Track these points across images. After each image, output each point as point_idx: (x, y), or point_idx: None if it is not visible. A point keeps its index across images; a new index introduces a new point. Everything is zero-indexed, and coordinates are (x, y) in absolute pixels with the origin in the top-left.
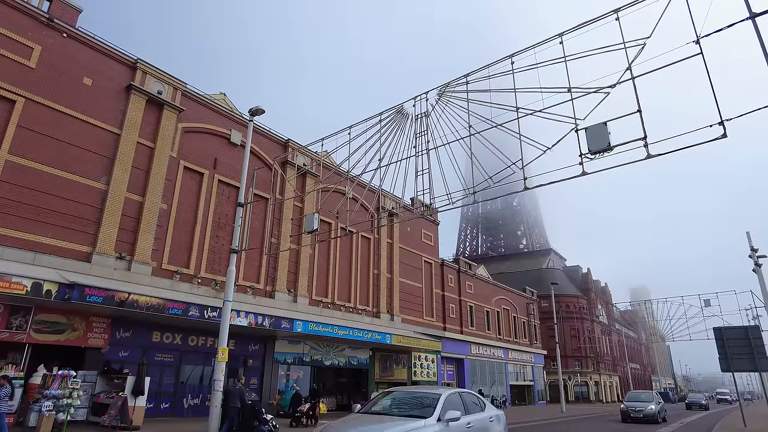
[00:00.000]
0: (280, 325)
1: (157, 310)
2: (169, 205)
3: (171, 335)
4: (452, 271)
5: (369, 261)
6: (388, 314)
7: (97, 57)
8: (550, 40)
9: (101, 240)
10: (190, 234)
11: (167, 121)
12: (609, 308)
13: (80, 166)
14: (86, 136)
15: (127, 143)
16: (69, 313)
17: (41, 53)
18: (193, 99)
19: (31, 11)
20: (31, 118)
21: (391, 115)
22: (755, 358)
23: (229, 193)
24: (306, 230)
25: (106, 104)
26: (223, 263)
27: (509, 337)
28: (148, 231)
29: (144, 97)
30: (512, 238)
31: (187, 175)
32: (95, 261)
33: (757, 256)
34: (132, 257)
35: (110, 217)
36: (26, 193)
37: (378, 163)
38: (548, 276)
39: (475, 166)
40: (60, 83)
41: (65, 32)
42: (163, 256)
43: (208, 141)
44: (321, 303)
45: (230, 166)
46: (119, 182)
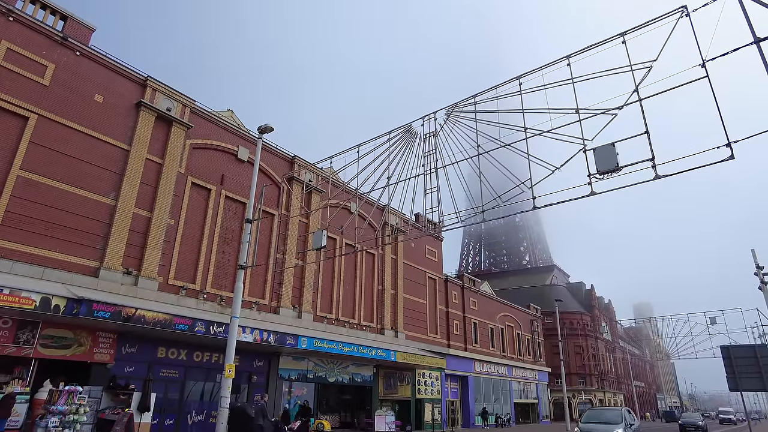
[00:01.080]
0: (285, 341)
1: (163, 326)
2: (177, 220)
3: (176, 351)
4: (456, 288)
5: (373, 277)
6: (392, 331)
7: (108, 74)
8: (558, 61)
9: (109, 255)
10: (197, 249)
11: (176, 138)
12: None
13: (90, 181)
14: (96, 152)
15: (136, 159)
16: (76, 328)
17: (55, 71)
18: (201, 116)
19: (46, 30)
20: (43, 135)
21: (399, 133)
22: (763, 377)
23: (236, 209)
24: (314, 247)
25: (116, 121)
26: (228, 279)
27: (513, 354)
28: (155, 246)
29: (153, 114)
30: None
31: (194, 190)
32: (103, 276)
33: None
34: (139, 272)
35: (118, 233)
36: (37, 209)
37: (387, 180)
38: (552, 292)
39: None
40: (72, 100)
41: (78, 50)
42: (169, 272)
43: (216, 157)
44: (325, 319)
45: (237, 182)
46: (128, 198)
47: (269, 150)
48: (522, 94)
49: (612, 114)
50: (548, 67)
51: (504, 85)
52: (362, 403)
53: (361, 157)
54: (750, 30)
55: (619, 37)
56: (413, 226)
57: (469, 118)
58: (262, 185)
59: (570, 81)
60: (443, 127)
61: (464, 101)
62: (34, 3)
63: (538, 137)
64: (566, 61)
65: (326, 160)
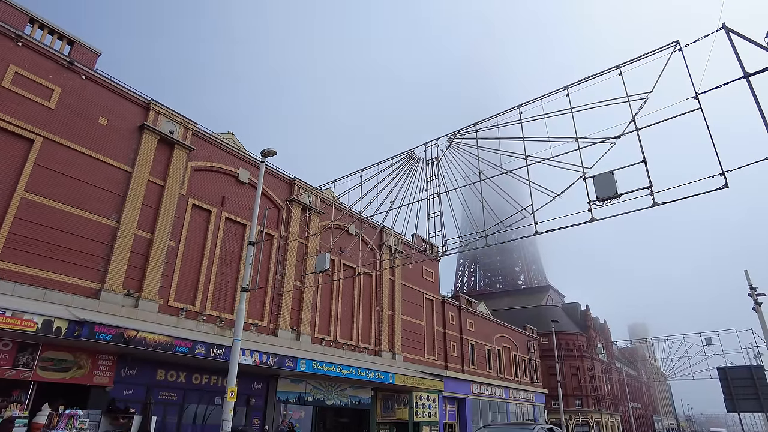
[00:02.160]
0: (284, 363)
1: (164, 348)
2: (177, 242)
3: (175, 373)
4: (453, 308)
5: (371, 298)
6: (390, 352)
7: (112, 98)
8: (557, 92)
9: (110, 277)
10: (197, 271)
11: (177, 160)
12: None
13: (92, 203)
14: (99, 174)
15: (138, 181)
16: (76, 351)
17: (61, 94)
18: (203, 138)
19: (53, 55)
20: (48, 157)
21: (402, 159)
22: (760, 398)
23: (236, 231)
24: (317, 269)
25: (120, 143)
26: (227, 300)
27: (510, 376)
28: (156, 268)
29: (156, 137)
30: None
31: (195, 212)
32: (104, 298)
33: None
34: (140, 294)
35: (120, 254)
36: (40, 230)
37: (390, 204)
38: (547, 313)
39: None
40: (77, 123)
41: (84, 74)
42: (169, 293)
43: (217, 179)
44: (323, 341)
45: (237, 203)
46: (129, 219)
47: (269, 172)
48: (522, 122)
49: (610, 143)
50: (547, 97)
51: (505, 113)
52: (360, 427)
53: (364, 181)
54: (739, 65)
55: (615, 69)
56: (417, 250)
57: (471, 145)
58: (265, 208)
59: (569, 111)
60: (445, 153)
61: (466, 129)
62: (42, 28)
63: (539, 164)
64: (565, 92)
65: (329, 183)
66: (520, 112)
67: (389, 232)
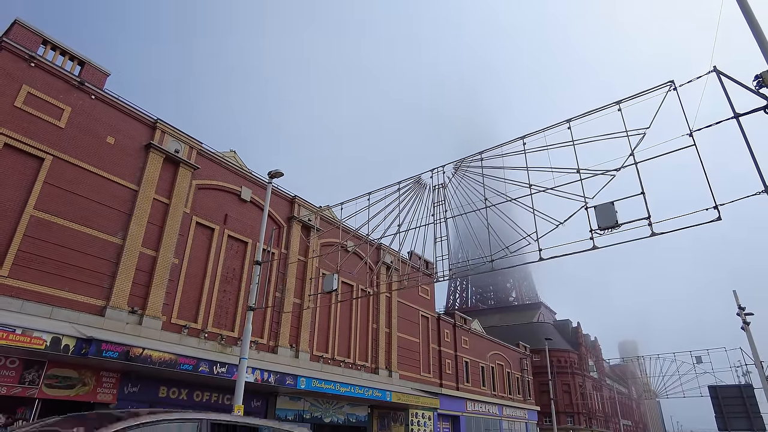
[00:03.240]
0: (284, 381)
1: (169, 366)
2: (181, 259)
3: (177, 390)
4: (448, 326)
5: (368, 315)
6: (387, 370)
7: (120, 117)
8: (559, 125)
9: (115, 294)
10: (199, 289)
11: (182, 179)
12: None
13: (99, 221)
14: (106, 192)
15: (144, 199)
16: (81, 368)
17: (71, 114)
18: (207, 157)
19: (64, 75)
20: (57, 175)
21: (409, 184)
22: (750, 417)
23: (238, 248)
24: (325, 290)
25: (127, 162)
26: (228, 318)
27: (504, 393)
28: (160, 285)
29: (162, 155)
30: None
31: (198, 230)
32: (109, 315)
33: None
34: (143, 311)
35: (125, 272)
36: (48, 248)
37: (397, 228)
38: (539, 330)
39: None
40: (86, 142)
41: (93, 94)
42: (172, 311)
43: (219, 197)
44: (321, 358)
45: (240, 221)
46: (135, 237)
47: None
48: (526, 153)
49: (611, 175)
50: (550, 129)
51: (509, 144)
52: None
53: (371, 204)
54: (729, 106)
55: (615, 105)
56: (415, 268)
57: (476, 173)
58: (272, 229)
59: (571, 143)
60: (451, 180)
61: (471, 157)
62: (54, 49)
63: (542, 193)
64: (567, 125)
65: (337, 205)
66: (524, 143)
67: (387, 249)
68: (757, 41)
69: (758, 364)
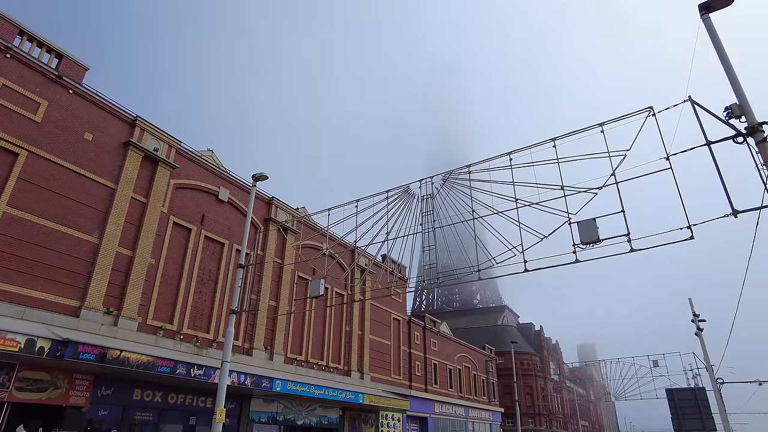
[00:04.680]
0: (260, 384)
1: (146, 368)
2: (157, 260)
3: (152, 393)
4: (418, 328)
5: (342, 318)
6: (359, 372)
7: (99, 113)
8: (545, 143)
9: (90, 294)
10: (175, 289)
11: (161, 178)
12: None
13: (75, 219)
14: (83, 189)
15: (121, 198)
16: (54, 370)
17: (47, 108)
18: (186, 156)
19: (41, 68)
20: (32, 171)
21: (398, 193)
22: (703, 418)
23: (214, 249)
24: (311, 295)
25: (105, 159)
26: (204, 319)
27: (470, 395)
28: (136, 286)
29: (141, 154)
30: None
31: (175, 230)
32: (83, 316)
33: (699, 321)
34: (119, 312)
35: (101, 271)
36: (21, 246)
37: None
38: (503, 333)
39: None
40: (62, 138)
41: (71, 89)
42: (148, 312)
43: (197, 197)
44: (296, 361)
45: (217, 222)
46: (112, 236)
47: (247, 190)
48: (512, 168)
49: (593, 193)
50: (536, 147)
51: (496, 159)
52: None
53: (359, 211)
54: (702, 134)
55: (598, 126)
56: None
57: (464, 185)
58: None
59: (555, 161)
60: (440, 191)
61: (459, 170)
62: (31, 41)
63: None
64: (552, 143)
65: (324, 211)
66: (510, 159)
67: (362, 253)
68: (729, 78)
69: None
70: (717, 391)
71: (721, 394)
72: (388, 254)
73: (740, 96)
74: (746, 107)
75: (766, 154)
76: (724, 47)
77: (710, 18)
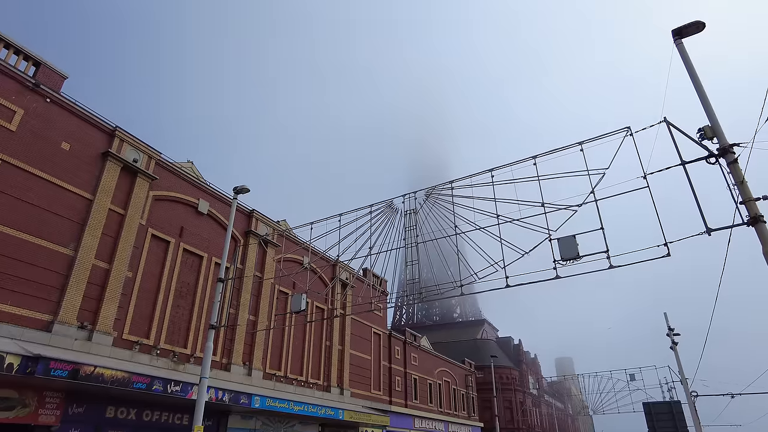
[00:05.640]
0: (239, 400)
1: (121, 384)
2: (135, 273)
3: (126, 410)
4: (399, 342)
5: (322, 332)
6: (338, 388)
7: (77, 123)
8: (526, 160)
9: (64, 308)
10: (152, 303)
11: (140, 189)
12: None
13: (50, 231)
14: (59, 200)
15: (99, 209)
16: (22, 388)
17: (23, 116)
18: (165, 167)
19: (17, 76)
20: (5, 181)
21: (381, 207)
22: (678, 430)
23: (192, 262)
24: (293, 310)
25: (82, 170)
26: (182, 334)
27: (449, 410)
28: (112, 300)
29: (120, 165)
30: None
31: (154, 243)
32: (56, 330)
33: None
34: (94, 327)
35: (76, 285)
36: None
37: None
38: (483, 347)
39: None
40: (38, 147)
41: (48, 97)
42: (124, 326)
43: (176, 209)
44: (274, 376)
45: (196, 235)
46: (88, 249)
47: (227, 203)
48: (494, 184)
49: (573, 210)
50: (517, 164)
51: (478, 175)
52: None
53: (342, 225)
54: (677, 154)
55: (577, 144)
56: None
57: (447, 200)
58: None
59: (536, 178)
60: (423, 206)
61: (442, 185)
62: (8, 47)
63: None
64: (533, 161)
65: (306, 225)
66: (492, 176)
67: (343, 267)
68: (701, 101)
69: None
70: (691, 404)
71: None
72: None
73: (712, 118)
74: (717, 129)
75: (737, 174)
76: (696, 71)
77: (683, 43)
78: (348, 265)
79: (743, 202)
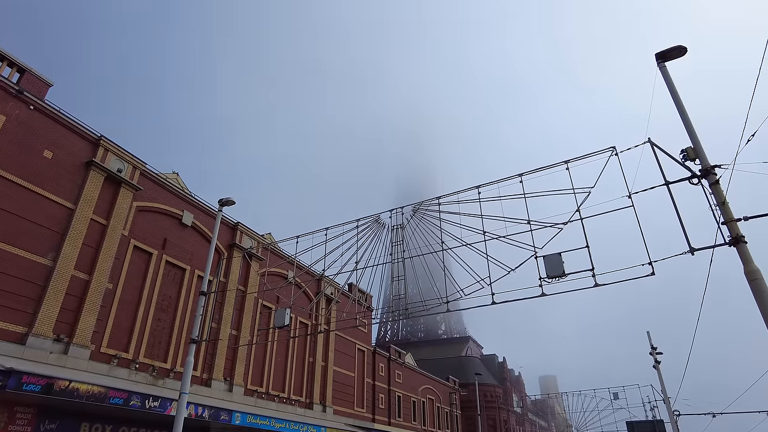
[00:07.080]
0: (219, 416)
1: (97, 400)
2: (115, 284)
3: (101, 426)
4: (383, 359)
5: (305, 348)
6: (321, 405)
7: (60, 131)
8: (512, 178)
9: (40, 320)
10: (133, 316)
11: (123, 199)
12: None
13: (27, 240)
14: (39, 209)
15: (80, 219)
16: None
17: (5, 123)
18: (150, 178)
19: (0, 82)
20: None
21: (368, 222)
22: None
23: (175, 275)
24: (276, 325)
25: (64, 178)
26: (162, 348)
27: (433, 428)
28: (91, 312)
29: (103, 174)
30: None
31: (136, 254)
32: (30, 343)
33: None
34: (71, 339)
35: (53, 296)
36: None
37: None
38: (467, 364)
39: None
40: (19, 154)
41: (32, 104)
42: (103, 339)
43: (160, 221)
44: (256, 393)
45: (179, 247)
46: (67, 259)
47: (213, 216)
48: (481, 201)
49: (558, 228)
50: (504, 182)
51: (465, 191)
52: None
53: (329, 239)
54: (661, 174)
55: (563, 163)
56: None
57: (434, 216)
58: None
59: (522, 196)
60: (410, 221)
61: (429, 201)
62: None
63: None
64: (519, 179)
65: (292, 239)
66: (479, 192)
67: (329, 282)
68: (683, 123)
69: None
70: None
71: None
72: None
73: (694, 140)
74: (700, 151)
75: (718, 195)
76: (678, 94)
77: (666, 67)
78: (333, 280)
79: (725, 223)
